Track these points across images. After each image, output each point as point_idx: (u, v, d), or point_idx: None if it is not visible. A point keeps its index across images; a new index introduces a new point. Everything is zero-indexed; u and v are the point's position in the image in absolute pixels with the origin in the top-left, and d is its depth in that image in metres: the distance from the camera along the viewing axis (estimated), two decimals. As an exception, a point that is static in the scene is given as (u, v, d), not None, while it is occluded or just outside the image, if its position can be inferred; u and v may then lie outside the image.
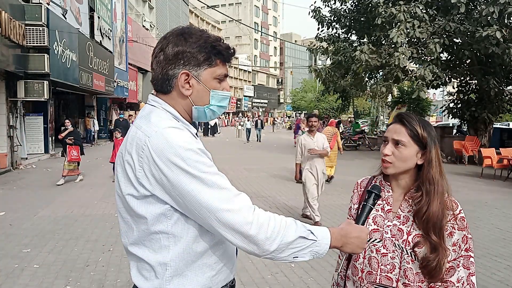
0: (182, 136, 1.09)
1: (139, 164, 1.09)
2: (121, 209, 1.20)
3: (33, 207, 6.64)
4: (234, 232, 1.07)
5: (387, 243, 1.33)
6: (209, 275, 1.18)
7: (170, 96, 1.19)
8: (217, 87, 1.22)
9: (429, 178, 1.31)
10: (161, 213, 1.11)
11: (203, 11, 54.87)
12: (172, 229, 1.12)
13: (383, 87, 12.86)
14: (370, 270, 1.36)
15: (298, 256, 1.12)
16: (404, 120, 1.35)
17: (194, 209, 1.07)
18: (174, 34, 1.18)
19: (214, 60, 1.18)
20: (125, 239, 1.22)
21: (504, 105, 14.46)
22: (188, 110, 1.22)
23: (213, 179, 1.08)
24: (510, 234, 5.43)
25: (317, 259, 1.44)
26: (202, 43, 1.16)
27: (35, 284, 3.67)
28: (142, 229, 1.14)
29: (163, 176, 1.06)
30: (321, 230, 1.16)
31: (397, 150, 1.34)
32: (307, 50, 17.56)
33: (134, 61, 25.33)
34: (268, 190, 8.42)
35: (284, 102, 75.46)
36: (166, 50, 1.17)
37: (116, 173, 1.20)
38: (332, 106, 32.83)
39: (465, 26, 11.89)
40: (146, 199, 1.11)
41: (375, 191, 1.34)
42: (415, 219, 1.31)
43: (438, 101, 34.36)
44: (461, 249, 1.30)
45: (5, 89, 11.33)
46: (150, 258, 1.14)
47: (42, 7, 11.78)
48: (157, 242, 1.13)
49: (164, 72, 1.17)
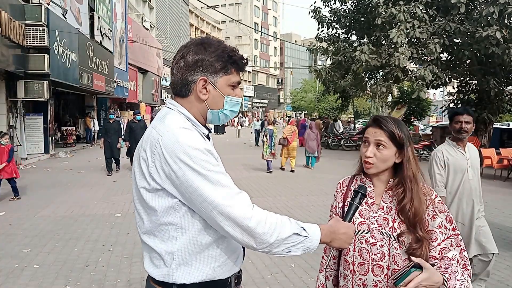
0: (191, 136, 1.20)
1: (152, 160, 1.20)
2: (136, 201, 1.31)
3: (33, 207, 6.64)
4: (234, 224, 1.16)
5: (374, 233, 1.42)
6: (214, 265, 1.27)
7: (187, 100, 1.31)
8: (231, 93, 1.34)
9: (410, 175, 1.42)
10: (170, 206, 1.21)
11: (203, 11, 54.86)
12: (180, 221, 1.22)
13: (383, 87, 12.86)
14: (362, 261, 1.43)
15: (291, 251, 1.23)
16: (381, 123, 1.44)
17: (198, 203, 1.18)
18: (194, 44, 1.31)
19: (230, 68, 1.31)
20: (139, 229, 1.33)
21: (504, 105, 14.45)
22: (203, 113, 1.33)
23: (217, 177, 1.19)
24: (510, 234, 5.43)
25: (317, 259, 1.46)
26: (220, 52, 1.29)
27: (35, 284, 3.67)
28: (153, 220, 1.25)
29: (172, 172, 1.17)
30: (312, 227, 1.26)
31: (378, 151, 1.43)
32: (307, 50, 17.56)
33: (134, 61, 25.32)
34: (268, 190, 8.42)
35: (284, 102, 75.44)
36: (187, 58, 1.28)
37: (133, 167, 1.31)
38: (332, 106, 32.79)
39: (465, 26, 11.89)
40: (157, 192, 1.21)
41: (361, 191, 1.42)
42: (400, 215, 1.40)
43: (438, 101, 34.38)
44: (448, 229, 1.39)
45: (5, 89, 11.34)
46: (159, 248, 1.25)
47: (42, 7, 11.79)
48: (166, 232, 1.24)
49: (184, 77, 1.29)
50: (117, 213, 6.29)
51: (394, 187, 1.45)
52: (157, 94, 31.85)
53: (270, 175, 10.52)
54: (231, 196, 1.18)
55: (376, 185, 1.50)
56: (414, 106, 20.41)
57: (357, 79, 14.92)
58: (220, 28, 61.18)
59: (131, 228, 5.44)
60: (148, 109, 27.90)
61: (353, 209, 1.40)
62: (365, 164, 1.47)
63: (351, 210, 1.40)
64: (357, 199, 1.41)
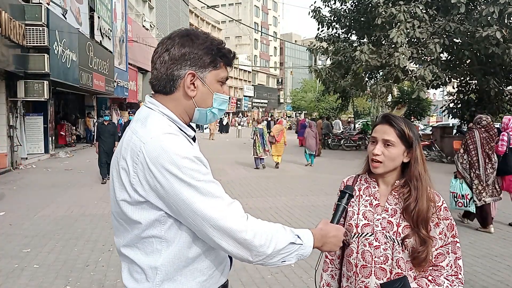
0: (178, 144, 1.08)
1: (134, 170, 1.08)
2: (114, 213, 1.21)
3: (33, 207, 6.64)
4: (228, 238, 1.08)
5: (378, 236, 1.39)
6: (200, 280, 1.18)
7: (172, 97, 1.18)
8: (219, 90, 1.23)
9: (416, 174, 1.39)
10: (155, 219, 1.11)
11: (203, 11, 54.85)
12: (165, 234, 1.12)
13: (383, 87, 12.87)
14: (364, 264, 1.41)
15: (286, 260, 1.17)
16: (391, 121, 1.42)
17: (188, 216, 1.08)
18: (179, 35, 1.18)
19: (219, 62, 1.20)
20: (118, 241, 1.22)
21: (504, 105, 14.46)
22: (189, 112, 1.21)
23: (208, 187, 1.08)
24: (510, 234, 5.43)
25: (317, 259, 1.47)
26: (209, 45, 1.18)
27: (35, 284, 3.67)
28: (135, 233, 1.14)
29: (157, 184, 1.06)
30: (306, 233, 1.21)
31: (386, 150, 1.40)
32: (307, 50, 17.57)
33: (134, 61, 25.31)
34: (268, 190, 8.43)
35: (284, 102, 75.41)
36: (172, 51, 1.16)
37: (111, 177, 1.19)
38: (332, 106, 32.75)
39: (465, 26, 11.89)
40: (140, 205, 1.10)
41: (348, 191, 1.41)
42: (404, 214, 1.38)
43: (438, 101, 34.35)
44: (447, 237, 1.38)
45: (5, 89, 11.33)
46: (141, 261, 1.15)
47: (42, 7, 11.77)
48: (149, 245, 1.13)
49: (169, 72, 1.16)
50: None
51: (400, 188, 1.42)
52: (157, 94, 31.80)
53: (270, 175, 10.52)
54: (223, 208, 1.08)
55: (381, 186, 1.47)
56: (414, 106, 20.41)
57: (357, 79, 14.93)
58: (220, 28, 61.17)
59: (131, 228, 5.44)
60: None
61: (340, 210, 1.38)
62: (372, 163, 1.43)
63: (338, 211, 1.38)
64: (344, 200, 1.40)
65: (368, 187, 1.49)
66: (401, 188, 1.42)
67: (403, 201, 1.40)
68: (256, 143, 11.61)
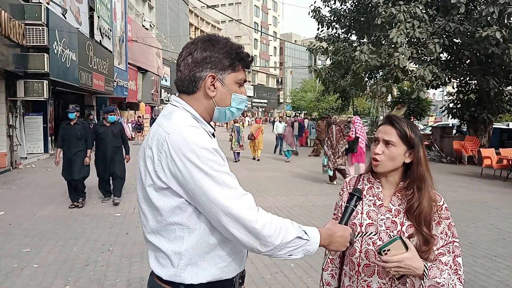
0: (198, 135, 1.18)
1: (158, 158, 1.19)
2: (141, 200, 1.29)
3: (32, 206, 6.64)
4: (240, 226, 1.16)
5: (382, 235, 1.41)
6: (221, 265, 1.26)
7: (194, 97, 1.29)
8: (237, 90, 1.33)
9: (419, 175, 1.42)
10: (176, 206, 1.20)
11: (203, 11, 54.86)
12: (186, 221, 1.21)
13: (383, 87, 12.85)
14: (368, 263, 1.42)
15: (292, 254, 1.23)
16: (393, 121, 1.46)
17: (203, 203, 1.16)
18: (202, 40, 1.30)
19: (237, 65, 1.31)
20: (143, 228, 1.31)
21: (504, 105, 14.45)
22: (209, 111, 1.31)
23: (223, 178, 1.17)
24: (510, 234, 5.43)
25: (317, 258, 1.47)
26: (228, 49, 1.28)
27: (34, 284, 3.67)
28: (159, 220, 1.23)
29: (177, 171, 1.15)
30: (313, 230, 1.28)
31: (387, 149, 1.44)
32: (307, 50, 17.55)
33: (134, 61, 25.30)
34: (268, 190, 8.42)
35: (284, 102, 75.41)
36: (194, 54, 1.27)
37: (138, 166, 1.30)
38: (332, 106, 32.76)
39: (465, 26, 11.88)
40: (162, 191, 1.20)
41: (357, 194, 1.43)
42: (408, 214, 1.41)
43: (438, 101, 34.35)
44: (448, 236, 1.41)
45: (5, 88, 11.31)
46: (166, 247, 1.24)
47: (42, 7, 11.75)
48: (172, 232, 1.22)
49: (192, 74, 1.27)
50: (117, 213, 6.28)
51: (403, 190, 1.45)
52: (156, 93, 31.84)
53: (270, 175, 10.54)
54: (237, 198, 1.17)
55: (385, 186, 1.49)
56: (414, 106, 20.40)
57: (357, 79, 14.91)
58: (220, 27, 61.16)
59: (131, 228, 5.44)
60: (148, 108, 27.89)
61: (349, 212, 1.41)
62: (373, 162, 1.47)
63: (347, 213, 1.41)
64: (352, 202, 1.42)
65: (371, 187, 1.51)
66: (405, 190, 1.44)
67: (407, 202, 1.42)
68: (232, 139, 13.25)
